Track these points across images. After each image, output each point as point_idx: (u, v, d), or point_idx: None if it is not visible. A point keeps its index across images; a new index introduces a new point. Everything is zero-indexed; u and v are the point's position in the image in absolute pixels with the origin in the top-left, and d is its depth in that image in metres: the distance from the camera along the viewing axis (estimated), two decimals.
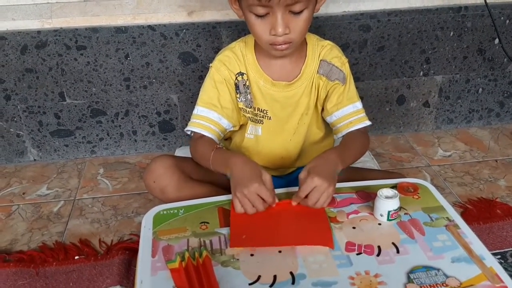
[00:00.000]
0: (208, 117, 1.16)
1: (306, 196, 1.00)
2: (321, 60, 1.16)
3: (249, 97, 1.17)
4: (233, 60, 1.15)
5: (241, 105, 1.19)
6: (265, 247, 0.91)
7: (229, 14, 1.54)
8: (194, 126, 1.16)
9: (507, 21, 1.69)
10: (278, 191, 1.07)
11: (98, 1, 1.50)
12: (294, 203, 1.02)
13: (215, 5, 1.54)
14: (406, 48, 1.69)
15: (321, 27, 1.58)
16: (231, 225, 0.97)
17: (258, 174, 1.01)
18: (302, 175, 1.02)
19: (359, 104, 1.19)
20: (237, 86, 1.17)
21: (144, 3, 1.52)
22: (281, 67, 1.15)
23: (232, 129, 1.21)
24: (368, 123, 1.20)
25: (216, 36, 1.57)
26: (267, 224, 0.98)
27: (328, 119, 1.21)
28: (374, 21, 1.62)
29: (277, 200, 1.02)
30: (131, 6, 1.52)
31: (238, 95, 1.17)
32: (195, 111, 1.18)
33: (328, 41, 1.18)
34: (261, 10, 1.00)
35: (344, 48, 1.62)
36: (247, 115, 1.20)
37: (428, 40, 1.69)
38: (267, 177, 1.02)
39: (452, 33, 1.69)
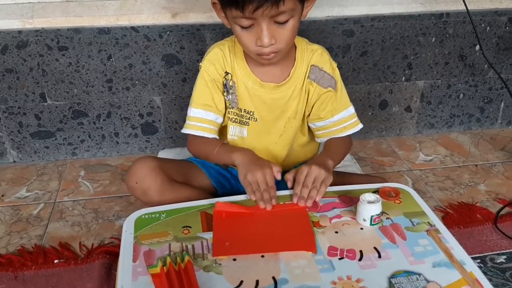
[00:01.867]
0: (206, 118, 1.17)
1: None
2: (312, 66, 1.17)
3: (231, 97, 1.17)
4: (221, 59, 1.16)
5: (227, 103, 1.19)
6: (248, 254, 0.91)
7: (214, 17, 1.53)
8: (194, 129, 1.18)
9: (488, 28, 1.72)
10: None
11: (81, 1, 1.48)
12: (295, 200, 1.04)
13: (199, 7, 1.53)
14: (389, 53, 1.70)
15: (305, 31, 1.59)
16: (214, 233, 0.96)
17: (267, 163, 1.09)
18: (289, 174, 1.08)
19: (351, 108, 1.22)
20: (224, 85, 1.17)
21: (127, 4, 1.50)
22: (270, 69, 1.15)
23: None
24: (360, 126, 1.23)
25: (200, 39, 1.56)
26: (250, 230, 0.98)
27: (318, 123, 1.21)
28: (358, 26, 1.63)
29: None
30: (114, 7, 1.50)
31: (225, 94, 1.18)
32: (190, 113, 1.18)
33: (317, 45, 1.19)
34: (245, 22, 1.00)
35: None
36: (229, 115, 1.20)
37: (411, 45, 1.70)
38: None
39: (434, 39, 1.71)
